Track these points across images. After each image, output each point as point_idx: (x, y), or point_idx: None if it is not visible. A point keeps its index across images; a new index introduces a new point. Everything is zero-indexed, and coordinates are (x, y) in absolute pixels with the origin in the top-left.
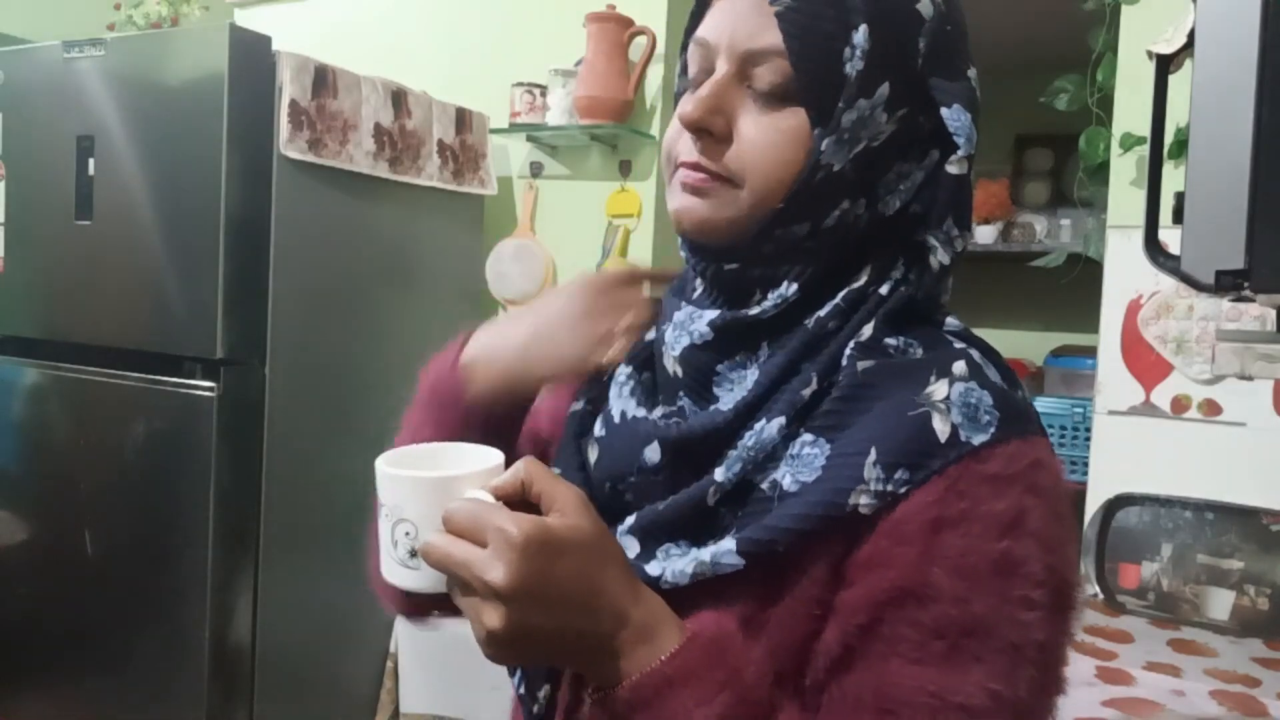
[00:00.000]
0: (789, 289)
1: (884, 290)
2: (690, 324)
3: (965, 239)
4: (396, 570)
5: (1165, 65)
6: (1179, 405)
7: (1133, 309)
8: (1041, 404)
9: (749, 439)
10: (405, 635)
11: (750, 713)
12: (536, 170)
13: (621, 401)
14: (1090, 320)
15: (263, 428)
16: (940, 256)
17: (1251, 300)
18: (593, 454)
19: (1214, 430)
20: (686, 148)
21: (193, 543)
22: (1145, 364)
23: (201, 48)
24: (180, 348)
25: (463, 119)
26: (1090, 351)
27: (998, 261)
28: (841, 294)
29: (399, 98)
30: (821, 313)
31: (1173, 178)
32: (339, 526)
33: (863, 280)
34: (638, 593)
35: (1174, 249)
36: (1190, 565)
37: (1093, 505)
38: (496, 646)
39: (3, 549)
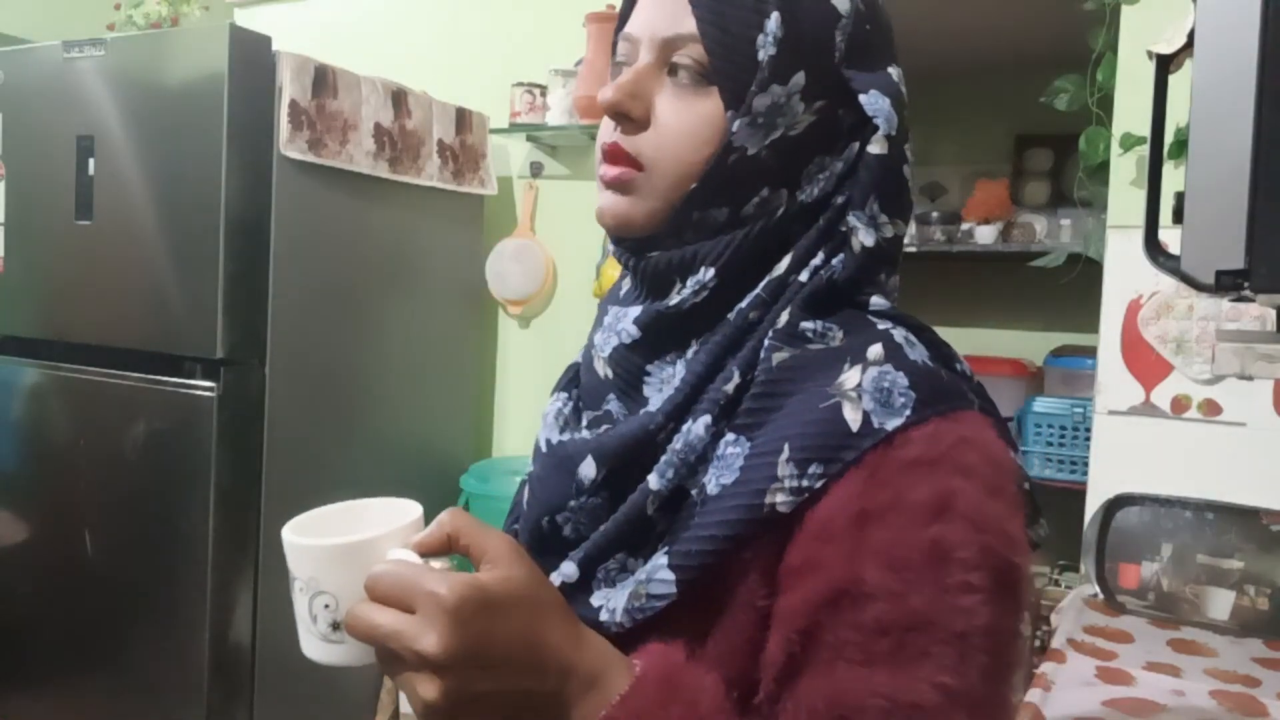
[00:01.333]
0: (706, 274)
1: (803, 277)
2: (618, 324)
3: (896, 225)
4: (318, 646)
5: (1165, 65)
6: (1179, 405)
7: (1133, 309)
8: (1041, 404)
9: (677, 441)
10: None
11: None
12: (536, 170)
13: (546, 431)
14: (1090, 320)
15: (263, 428)
16: (863, 238)
17: (1251, 300)
18: (524, 494)
19: (1214, 430)
20: (606, 132)
21: (193, 543)
22: (1145, 364)
23: (201, 48)
24: (180, 348)
25: (463, 119)
26: (1090, 351)
27: (998, 261)
28: (762, 283)
29: (399, 98)
30: (743, 304)
31: (1173, 178)
32: None
33: (783, 269)
34: (580, 637)
35: (1174, 249)
36: (1190, 565)
37: (1093, 505)
38: (437, 718)
39: (3, 549)
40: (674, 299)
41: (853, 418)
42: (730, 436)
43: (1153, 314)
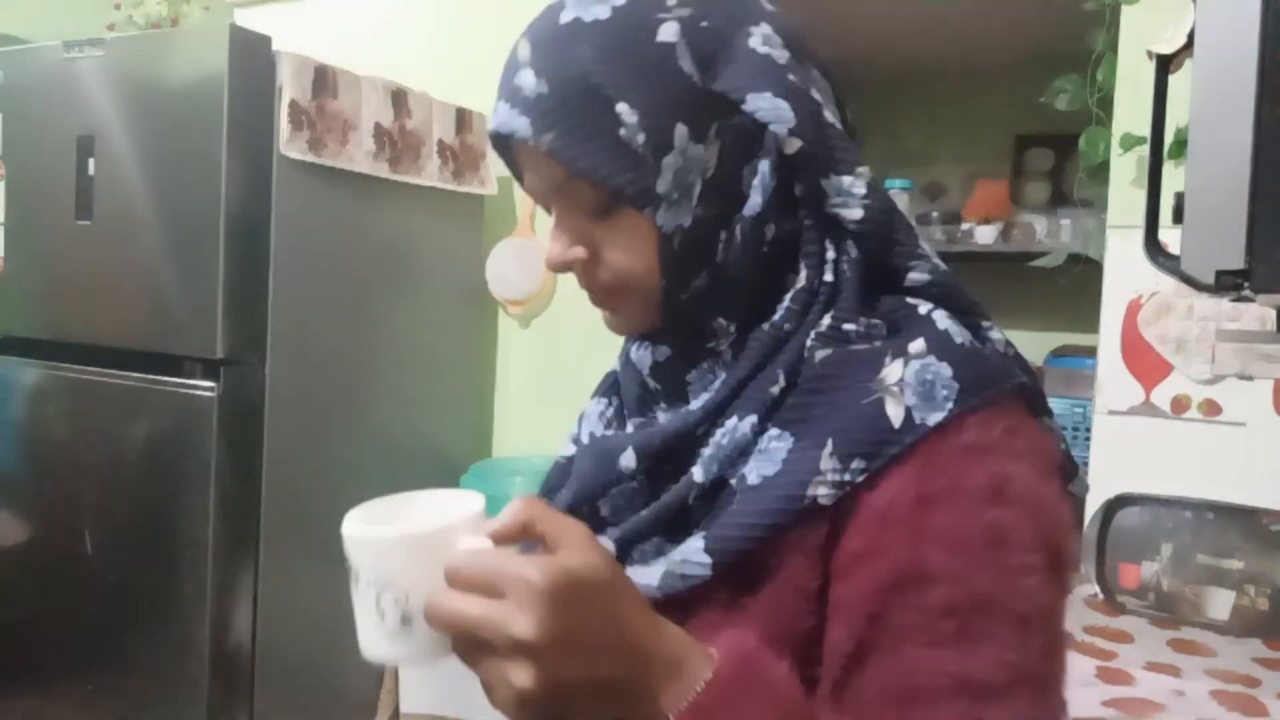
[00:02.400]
0: (730, 329)
1: (829, 278)
2: (655, 344)
3: (863, 177)
4: (383, 644)
5: (1165, 65)
6: (1179, 405)
7: (1133, 309)
8: None
9: (722, 437)
10: None
11: None
12: None
13: (589, 426)
14: (1090, 320)
15: (263, 428)
16: (851, 213)
17: (1251, 300)
18: (555, 477)
19: (1214, 430)
20: (577, 276)
21: (193, 543)
22: (1145, 364)
23: (201, 48)
24: (180, 348)
25: (463, 119)
26: (1090, 351)
27: (998, 261)
28: (788, 297)
29: (399, 98)
30: (775, 318)
31: (1173, 178)
32: (339, 526)
33: (802, 279)
34: (658, 626)
35: (1174, 249)
36: (1190, 565)
37: (1093, 505)
38: (530, 708)
39: (3, 549)
40: (708, 348)
41: (895, 413)
42: (774, 432)
43: (1153, 314)
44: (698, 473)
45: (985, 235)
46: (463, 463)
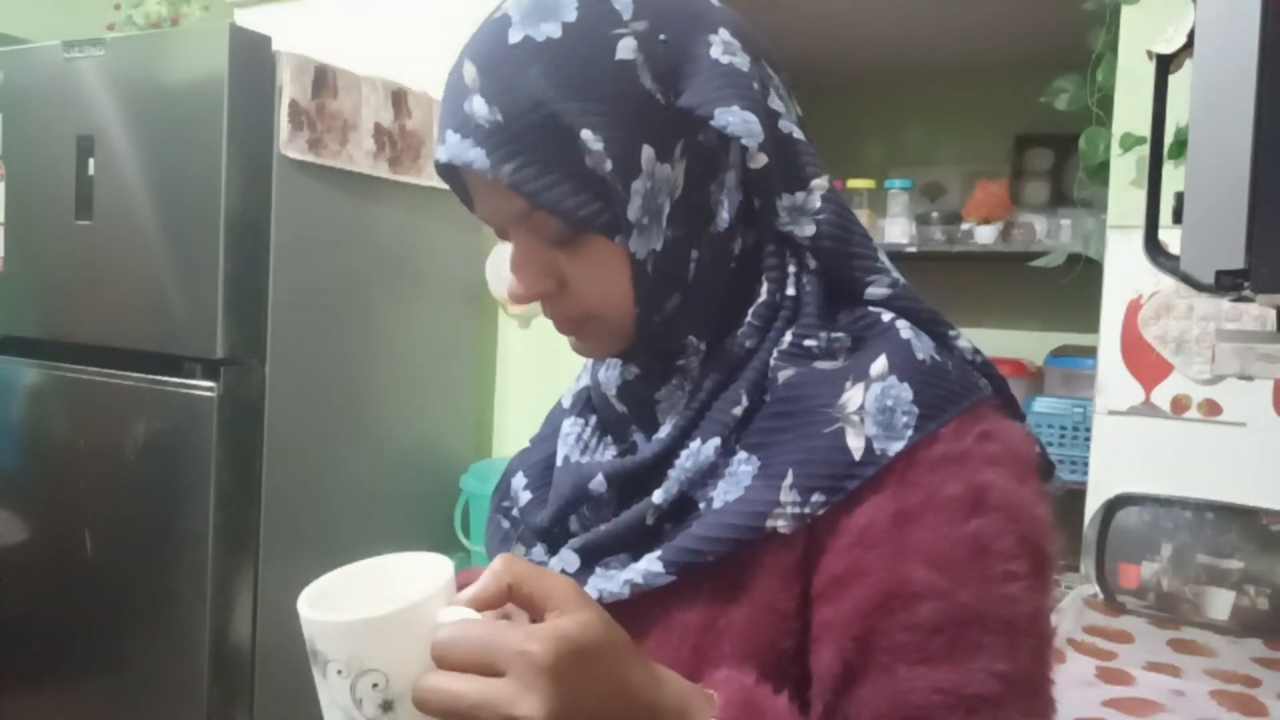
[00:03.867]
0: (700, 345)
1: (790, 291)
2: (620, 364)
3: (817, 189)
4: None
5: (1165, 65)
6: (1179, 405)
7: (1133, 309)
8: (1041, 404)
9: (686, 460)
10: None
11: None
12: None
13: (566, 448)
14: (1090, 320)
15: (263, 428)
16: (803, 230)
17: (1251, 300)
18: (515, 479)
19: (1214, 430)
20: (543, 304)
21: (193, 543)
22: (1145, 364)
23: (201, 48)
24: (180, 348)
25: None
26: (1090, 351)
27: (998, 261)
28: (751, 312)
29: (399, 98)
30: (738, 334)
31: (1173, 178)
32: (339, 526)
33: (764, 294)
34: (657, 675)
35: (1174, 249)
36: (1190, 565)
37: (1093, 505)
38: None
39: (3, 549)
40: (675, 371)
41: (855, 445)
42: (742, 455)
43: (1153, 314)
44: (658, 495)
45: (985, 235)
46: (462, 463)
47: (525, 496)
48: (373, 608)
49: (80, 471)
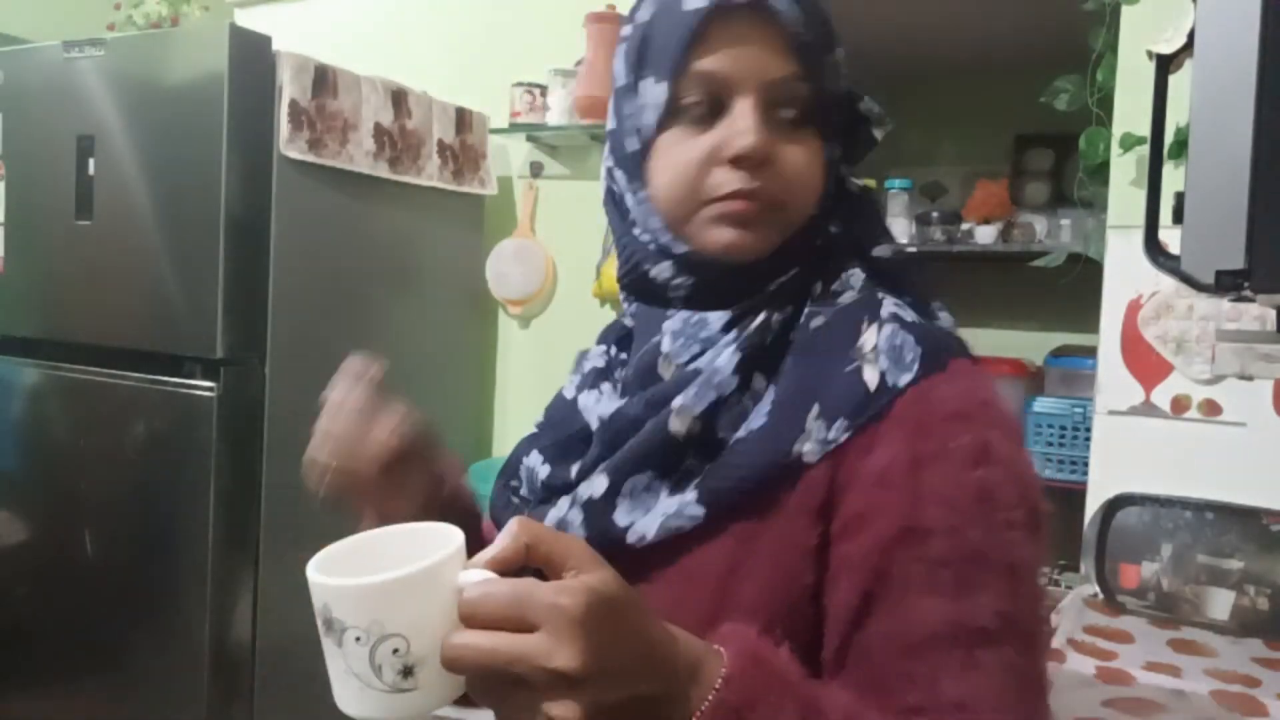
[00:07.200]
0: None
1: (818, 242)
2: (700, 332)
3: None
4: (382, 701)
5: (1165, 65)
6: (1179, 405)
7: (1133, 309)
8: (1041, 404)
9: (703, 363)
10: None
11: (810, 706)
12: (536, 170)
13: (599, 410)
14: (1090, 320)
15: (263, 428)
16: (853, 187)
17: (1251, 300)
18: (529, 457)
19: (1214, 430)
20: (729, 179)
21: (193, 543)
22: (1145, 364)
23: (201, 48)
24: (180, 348)
25: (463, 119)
26: (1090, 351)
27: (998, 261)
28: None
29: (399, 98)
30: (784, 279)
31: (1173, 178)
32: (339, 526)
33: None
34: (671, 632)
35: (1174, 249)
36: (1190, 565)
37: (1093, 505)
38: None
39: (3, 549)
40: (764, 318)
41: (871, 379)
42: (770, 391)
43: (1153, 314)
44: (677, 400)
45: (985, 235)
46: (462, 463)
47: (545, 470)
48: (392, 570)
49: (80, 471)
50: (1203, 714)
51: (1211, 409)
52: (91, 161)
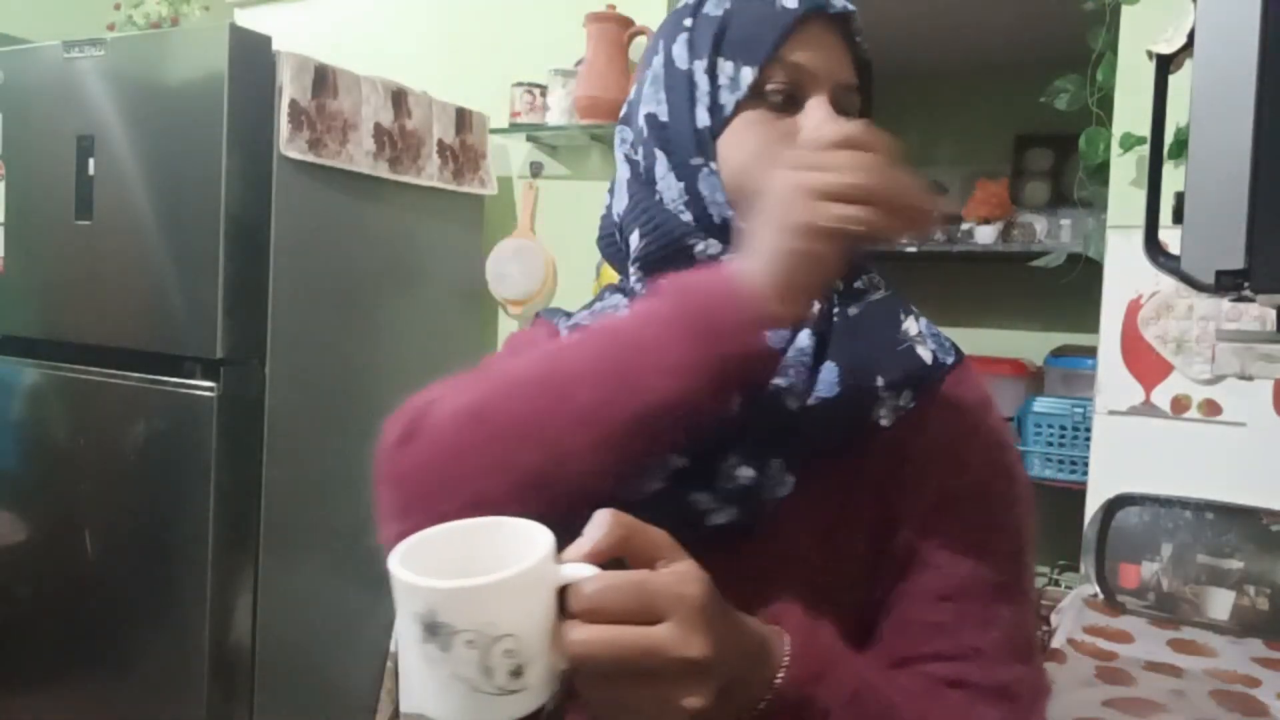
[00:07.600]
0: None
1: None
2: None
3: None
4: (490, 705)
5: (1165, 65)
6: (1179, 405)
7: (1133, 309)
8: (1041, 404)
9: (790, 349)
10: None
11: (860, 678)
12: (536, 170)
13: None
14: (1090, 320)
15: (263, 428)
16: None
17: (1251, 300)
18: None
19: (1214, 430)
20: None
21: (193, 543)
22: (1145, 364)
23: (201, 48)
24: (180, 348)
25: (463, 119)
26: (1090, 351)
27: (998, 261)
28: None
29: (399, 98)
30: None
31: (1173, 178)
32: (339, 526)
33: None
34: (742, 616)
35: (1174, 249)
36: (1190, 565)
37: (1093, 505)
38: None
39: (3, 549)
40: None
41: (925, 355)
42: (830, 365)
43: (1153, 314)
44: (778, 380)
45: (985, 235)
46: None
47: None
48: (500, 573)
49: (80, 471)
50: (1203, 714)
51: (1211, 409)
52: (91, 161)
